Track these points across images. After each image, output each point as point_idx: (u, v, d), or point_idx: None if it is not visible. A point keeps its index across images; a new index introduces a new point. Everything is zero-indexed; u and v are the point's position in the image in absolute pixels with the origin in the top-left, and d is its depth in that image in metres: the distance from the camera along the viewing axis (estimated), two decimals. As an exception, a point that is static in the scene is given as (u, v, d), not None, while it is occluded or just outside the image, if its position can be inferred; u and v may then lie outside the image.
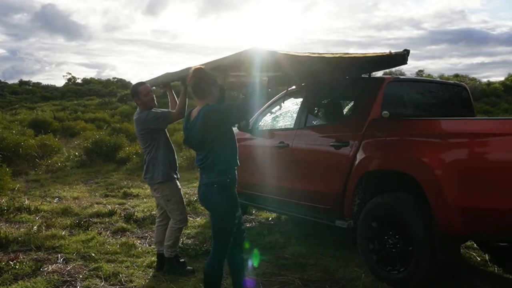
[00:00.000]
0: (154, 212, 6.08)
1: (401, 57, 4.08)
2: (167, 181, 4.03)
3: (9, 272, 3.92)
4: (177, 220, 4.04)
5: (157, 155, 4.04)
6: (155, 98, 4.15)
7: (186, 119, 3.23)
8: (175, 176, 4.14)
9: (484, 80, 33.41)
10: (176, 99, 4.26)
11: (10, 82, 43.49)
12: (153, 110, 4.09)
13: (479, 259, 4.34)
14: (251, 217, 6.15)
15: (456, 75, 27.69)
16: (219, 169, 3.05)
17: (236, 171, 3.18)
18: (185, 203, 6.68)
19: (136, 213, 6.06)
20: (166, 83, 4.38)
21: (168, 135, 4.23)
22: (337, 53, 3.92)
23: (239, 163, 3.15)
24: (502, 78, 27.51)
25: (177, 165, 4.21)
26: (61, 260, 4.33)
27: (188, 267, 4.07)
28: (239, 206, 3.19)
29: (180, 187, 4.19)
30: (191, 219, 5.99)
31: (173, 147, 4.23)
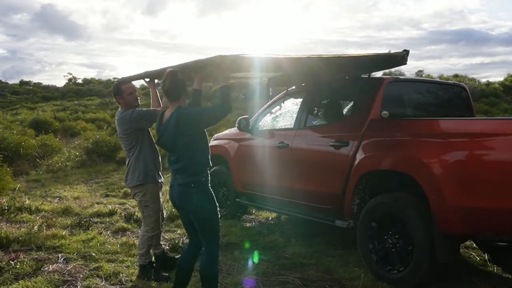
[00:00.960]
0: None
1: (401, 58, 4.10)
2: (149, 183, 3.90)
3: (10, 272, 3.93)
4: (149, 228, 3.92)
5: (140, 156, 3.89)
6: (138, 98, 4.01)
7: (159, 121, 3.22)
8: (159, 179, 4.02)
9: (484, 80, 33.40)
10: (159, 97, 4.10)
11: (10, 82, 43.50)
12: (136, 109, 3.93)
13: (478, 259, 4.34)
14: (251, 217, 6.15)
15: (456, 75, 27.64)
16: (192, 171, 3.08)
17: (208, 171, 3.20)
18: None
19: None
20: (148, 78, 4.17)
21: (151, 135, 4.07)
22: (315, 55, 3.93)
23: (240, 163, 3.17)
24: (502, 79, 27.46)
25: (161, 166, 4.10)
26: (62, 259, 4.34)
27: (164, 273, 3.89)
28: (216, 201, 3.18)
29: (161, 193, 4.08)
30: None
31: (157, 147, 4.06)
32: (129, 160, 3.95)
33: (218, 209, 3.18)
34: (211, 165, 3.21)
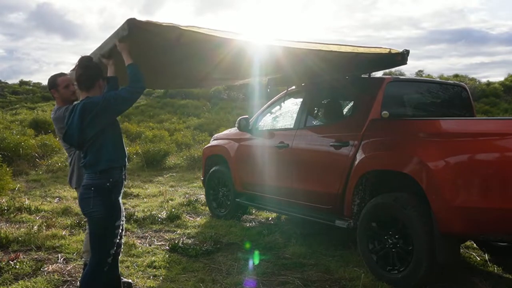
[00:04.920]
0: (154, 212, 6.09)
1: (401, 57, 4.10)
2: None
3: (10, 272, 3.92)
4: None
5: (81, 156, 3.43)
6: (76, 92, 3.50)
7: (69, 114, 2.91)
8: None
9: (484, 80, 33.38)
10: None
11: (10, 82, 43.40)
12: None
13: (479, 259, 4.34)
14: (251, 217, 6.15)
15: (456, 75, 27.61)
16: (99, 169, 2.78)
17: (123, 172, 2.92)
18: (184, 203, 6.73)
19: (136, 213, 6.06)
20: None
21: None
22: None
23: (240, 163, 3.07)
24: (502, 78, 27.42)
25: None
26: (62, 260, 4.33)
27: (125, 280, 3.58)
28: (121, 215, 2.92)
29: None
30: (191, 219, 5.99)
31: None
32: (71, 161, 3.65)
33: (123, 222, 2.92)
34: (125, 163, 2.93)
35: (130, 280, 3.71)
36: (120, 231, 3.00)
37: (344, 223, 4.12)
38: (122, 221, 3.02)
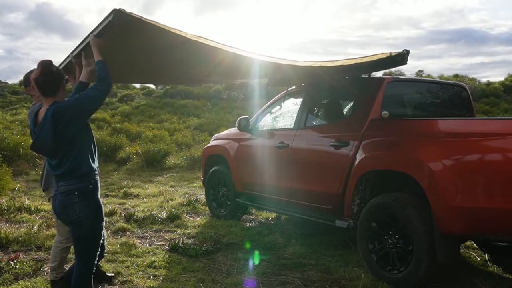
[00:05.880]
0: (154, 212, 6.08)
1: (401, 57, 4.09)
2: None
3: (10, 272, 3.92)
4: (64, 238, 3.46)
5: None
6: (37, 97, 3.30)
7: (33, 121, 2.79)
8: None
9: (484, 80, 33.42)
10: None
11: (10, 82, 43.36)
12: None
13: (479, 259, 4.34)
14: (251, 217, 6.15)
15: (456, 75, 27.61)
16: (80, 173, 2.72)
17: (98, 175, 2.86)
18: (184, 203, 6.73)
19: (136, 213, 6.05)
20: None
21: None
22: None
23: (240, 163, 3.08)
24: (502, 78, 27.44)
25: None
26: (62, 260, 4.33)
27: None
28: (103, 214, 2.89)
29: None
30: (191, 219, 5.99)
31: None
32: (44, 162, 3.57)
33: (103, 221, 2.86)
34: (97, 165, 2.87)
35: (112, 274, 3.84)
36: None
37: (344, 223, 4.12)
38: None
